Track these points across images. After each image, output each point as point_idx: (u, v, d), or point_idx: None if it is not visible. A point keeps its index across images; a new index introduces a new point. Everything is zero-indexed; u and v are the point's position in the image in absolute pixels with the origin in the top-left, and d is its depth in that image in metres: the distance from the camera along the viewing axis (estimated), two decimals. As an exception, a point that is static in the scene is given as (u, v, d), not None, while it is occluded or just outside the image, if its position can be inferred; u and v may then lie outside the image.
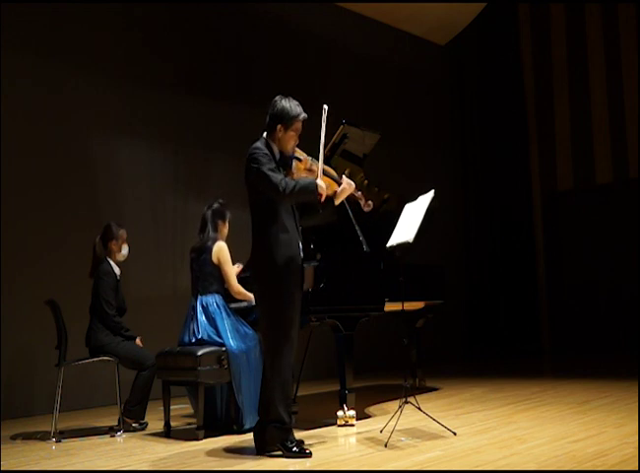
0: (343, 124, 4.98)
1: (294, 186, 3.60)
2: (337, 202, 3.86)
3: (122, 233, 4.98)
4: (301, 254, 3.76)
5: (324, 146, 3.81)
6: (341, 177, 3.92)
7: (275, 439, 3.63)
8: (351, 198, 3.88)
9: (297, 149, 3.85)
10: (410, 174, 8.93)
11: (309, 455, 3.55)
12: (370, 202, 4.01)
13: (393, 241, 4.20)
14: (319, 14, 8.64)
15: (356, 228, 4.91)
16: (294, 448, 3.58)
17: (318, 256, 4.61)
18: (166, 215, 7.08)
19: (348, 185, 3.85)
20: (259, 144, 3.73)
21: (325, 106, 3.77)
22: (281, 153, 3.78)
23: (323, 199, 3.67)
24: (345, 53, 8.86)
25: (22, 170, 6.06)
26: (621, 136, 9.29)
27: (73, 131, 6.47)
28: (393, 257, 4.33)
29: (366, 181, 5.45)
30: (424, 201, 4.12)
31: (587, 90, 9.66)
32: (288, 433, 3.63)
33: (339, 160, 5.11)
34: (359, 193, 3.88)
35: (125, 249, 4.99)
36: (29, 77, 6.23)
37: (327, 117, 3.77)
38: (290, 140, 3.76)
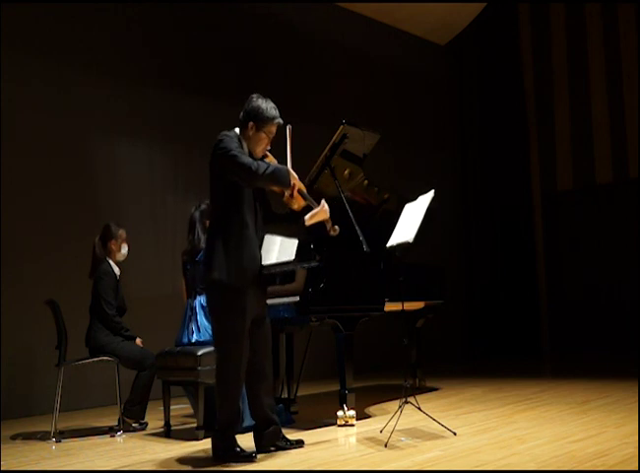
0: (343, 124, 4.96)
1: (267, 168, 3.43)
2: (308, 223, 3.68)
3: (121, 232, 4.98)
4: (260, 254, 3.64)
5: (290, 164, 3.64)
6: (316, 201, 3.74)
7: (273, 438, 3.66)
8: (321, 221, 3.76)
9: (269, 154, 3.70)
10: (410, 174, 8.93)
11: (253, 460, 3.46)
12: (337, 227, 3.86)
13: (393, 241, 4.20)
14: (319, 14, 8.64)
15: (356, 228, 4.90)
16: (241, 452, 3.50)
17: (317, 257, 4.60)
18: (166, 215, 7.08)
19: (324, 211, 3.67)
20: (229, 133, 3.59)
21: (289, 126, 3.66)
22: (250, 154, 3.57)
23: (295, 191, 3.52)
24: (345, 53, 8.85)
25: (22, 170, 6.06)
26: (621, 136, 9.29)
27: (73, 131, 6.47)
28: (393, 257, 4.32)
29: (366, 181, 5.45)
30: (424, 201, 4.12)
31: (587, 90, 9.67)
32: (230, 436, 3.52)
33: (339, 160, 5.10)
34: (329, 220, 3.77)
35: (125, 249, 4.99)
36: (29, 77, 6.23)
37: (291, 136, 3.68)
38: (260, 142, 3.59)
